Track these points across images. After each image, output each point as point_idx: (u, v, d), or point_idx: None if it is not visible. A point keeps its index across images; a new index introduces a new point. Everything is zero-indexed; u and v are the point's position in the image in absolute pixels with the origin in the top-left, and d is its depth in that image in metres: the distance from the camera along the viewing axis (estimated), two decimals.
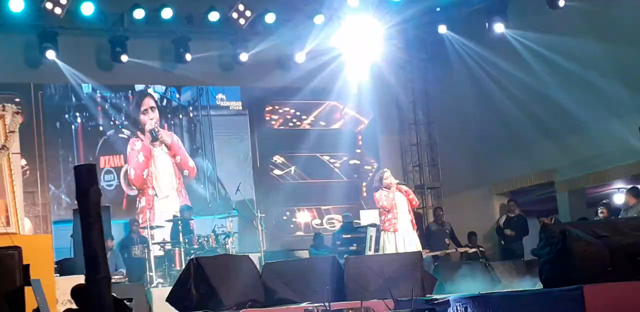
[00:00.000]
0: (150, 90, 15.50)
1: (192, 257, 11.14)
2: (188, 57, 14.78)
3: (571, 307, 6.13)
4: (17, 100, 13.78)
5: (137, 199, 14.90)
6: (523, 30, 14.21)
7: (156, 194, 14.86)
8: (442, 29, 15.52)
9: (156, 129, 15.28)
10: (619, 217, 11.44)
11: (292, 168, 16.14)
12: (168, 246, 13.14)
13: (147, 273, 12.58)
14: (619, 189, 14.37)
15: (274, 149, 16.07)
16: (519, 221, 14.49)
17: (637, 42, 12.49)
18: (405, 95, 17.05)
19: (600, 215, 12.12)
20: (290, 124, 16.32)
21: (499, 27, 14.53)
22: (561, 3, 13.44)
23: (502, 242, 14.68)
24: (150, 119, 15.36)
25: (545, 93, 13.79)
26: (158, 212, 14.52)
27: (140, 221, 14.27)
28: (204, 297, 8.28)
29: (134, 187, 14.93)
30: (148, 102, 15.49)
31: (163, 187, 14.92)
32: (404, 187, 11.02)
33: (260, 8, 14.93)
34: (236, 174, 15.48)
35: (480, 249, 14.06)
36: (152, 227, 13.13)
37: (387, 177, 10.79)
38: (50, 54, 13.84)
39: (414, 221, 10.76)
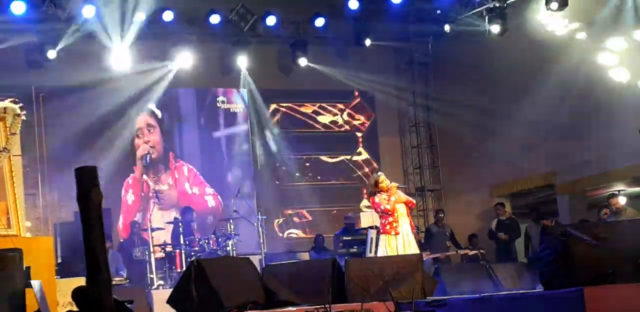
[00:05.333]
0: (150, 105, 15.07)
1: (192, 259, 11.15)
2: (190, 59, 14.80)
3: (572, 309, 6.13)
4: (18, 102, 13.77)
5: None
6: (521, 31, 14.23)
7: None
8: (443, 30, 15.55)
9: (150, 155, 15.02)
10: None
11: (293, 170, 16.15)
12: (169, 248, 13.14)
13: (148, 275, 12.58)
14: (619, 191, 14.36)
15: (275, 151, 16.07)
16: (510, 224, 14.50)
17: None
18: (405, 97, 17.06)
19: (604, 216, 12.13)
20: (292, 126, 16.32)
21: (495, 29, 14.59)
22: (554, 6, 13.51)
23: (496, 245, 14.69)
24: (145, 143, 15.11)
25: (545, 95, 13.80)
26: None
27: (140, 223, 14.26)
28: (204, 299, 8.28)
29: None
30: (144, 121, 15.12)
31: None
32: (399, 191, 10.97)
33: (261, 10, 14.94)
34: (237, 176, 15.49)
35: (481, 251, 14.05)
36: (152, 229, 13.12)
37: (382, 180, 10.70)
38: (52, 56, 13.85)
39: (412, 223, 10.75)
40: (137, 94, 15.07)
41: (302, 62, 15.57)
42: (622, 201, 12.41)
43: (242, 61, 15.25)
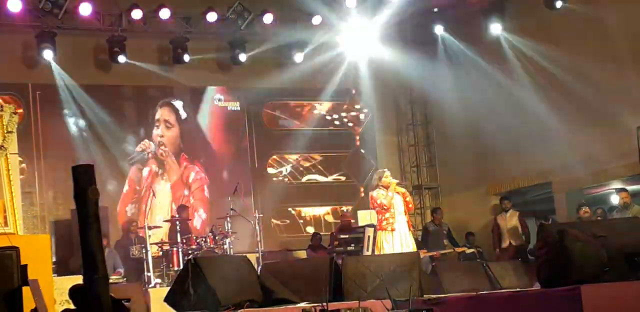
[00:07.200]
0: (174, 101, 15.34)
1: (189, 257, 11.15)
2: (186, 57, 14.79)
3: (569, 307, 6.13)
4: (15, 100, 13.79)
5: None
6: (519, 31, 14.24)
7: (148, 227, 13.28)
8: (440, 29, 15.56)
9: (149, 152, 15.00)
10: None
11: (290, 168, 16.15)
12: (166, 246, 13.14)
13: (145, 273, 12.58)
14: (616, 189, 14.38)
15: (272, 149, 16.08)
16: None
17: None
18: (403, 96, 17.06)
19: (585, 215, 12.16)
20: (289, 124, 16.33)
21: (495, 28, 14.60)
22: (558, 4, 13.50)
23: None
24: (161, 137, 15.21)
25: (543, 95, 13.80)
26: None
27: (137, 221, 14.25)
28: (201, 297, 8.27)
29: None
30: (164, 114, 15.34)
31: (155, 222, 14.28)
32: (402, 189, 11.06)
33: (258, 9, 14.93)
34: (234, 174, 15.48)
35: (478, 249, 14.08)
36: (149, 228, 13.12)
37: (386, 176, 10.85)
38: (48, 54, 13.84)
39: (409, 221, 10.81)
40: (135, 92, 15.08)
41: (298, 59, 15.57)
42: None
43: (239, 59, 15.23)
